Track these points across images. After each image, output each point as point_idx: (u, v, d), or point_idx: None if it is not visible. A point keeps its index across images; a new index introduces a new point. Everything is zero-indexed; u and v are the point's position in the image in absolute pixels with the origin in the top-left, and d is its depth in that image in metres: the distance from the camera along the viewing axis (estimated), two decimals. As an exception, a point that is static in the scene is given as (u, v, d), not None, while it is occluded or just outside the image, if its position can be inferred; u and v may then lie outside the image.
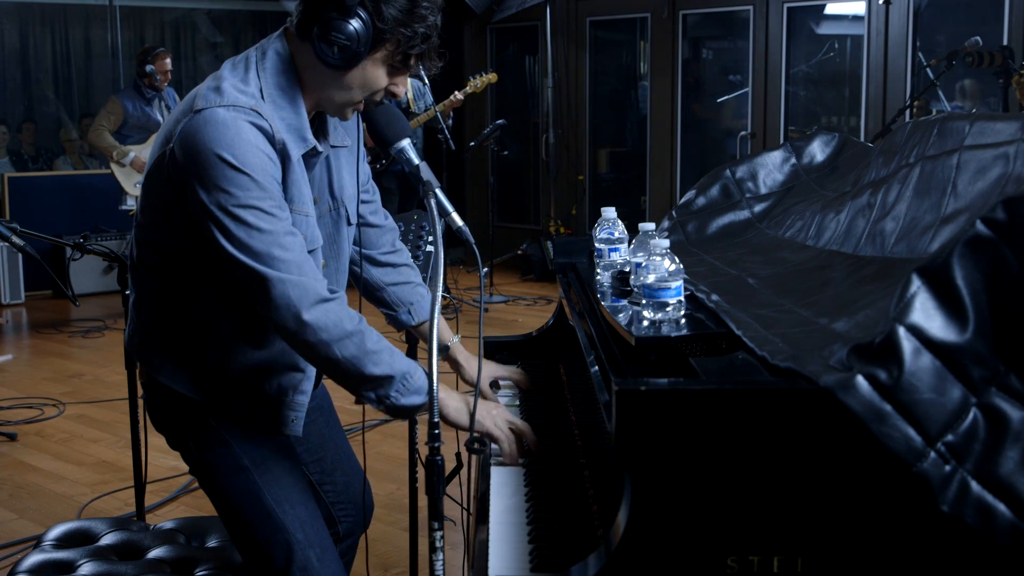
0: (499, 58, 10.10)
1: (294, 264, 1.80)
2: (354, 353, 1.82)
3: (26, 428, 4.97)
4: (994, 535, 1.38)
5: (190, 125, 1.80)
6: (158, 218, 1.93)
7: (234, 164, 1.77)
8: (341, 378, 1.86)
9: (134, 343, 2.04)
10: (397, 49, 1.86)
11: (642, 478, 1.42)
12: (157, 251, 1.96)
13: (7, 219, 4.42)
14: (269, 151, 1.82)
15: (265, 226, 1.79)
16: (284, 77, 1.89)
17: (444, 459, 1.69)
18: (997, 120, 1.87)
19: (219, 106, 1.80)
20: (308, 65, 1.89)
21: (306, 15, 1.86)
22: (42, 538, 2.43)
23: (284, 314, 1.79)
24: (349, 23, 1.80)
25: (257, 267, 1.78)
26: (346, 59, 1.84)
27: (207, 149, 1.77)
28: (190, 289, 1.95)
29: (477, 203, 9.94)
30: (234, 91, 1.84)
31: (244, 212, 1.78)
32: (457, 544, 3.28)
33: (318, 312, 1.80)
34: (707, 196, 2.71)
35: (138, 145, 7.14)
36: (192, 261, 1.91)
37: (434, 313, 1.66)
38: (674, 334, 1.74)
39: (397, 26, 1.83)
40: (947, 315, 1.41)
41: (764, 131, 8.12)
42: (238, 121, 1.79)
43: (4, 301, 7.81)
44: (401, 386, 1.85)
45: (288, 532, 1.98)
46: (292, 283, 1.78)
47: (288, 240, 1.81)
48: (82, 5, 9.19)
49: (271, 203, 1.80)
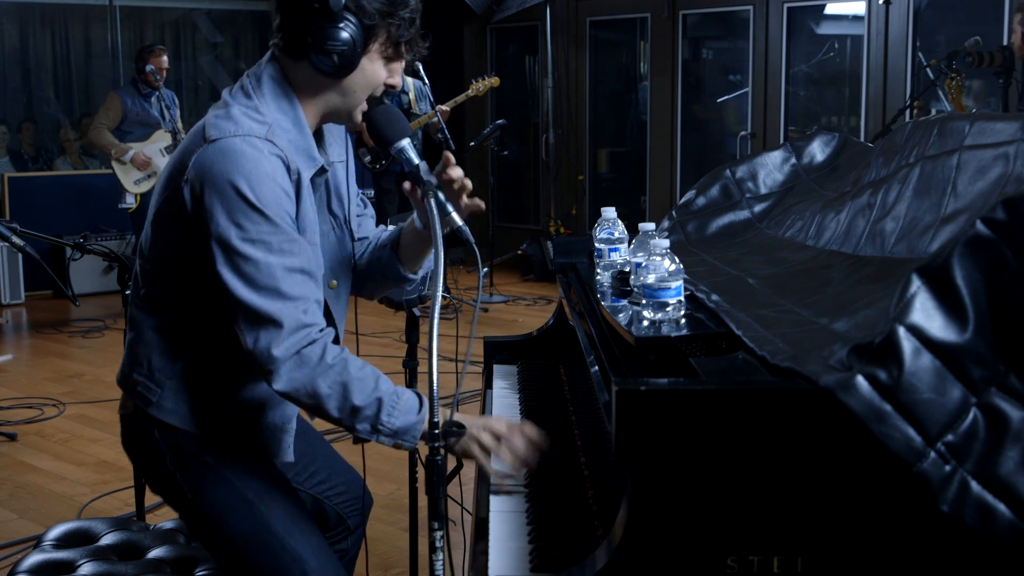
0: (499, 58, 10.10)
1: (292, 304, 1.79)
2: (338, 389, 1.81)
3: (26, 428, 4.97)
4: (994, 535, 1.38)
5: (205, 155, 1.79)
6: (168, 253, 1.92)
7: (249, 198, 1.77)
8: (330, 415, 1.84)
9: (129, 379, 1.99)
10: (388, 40, 1.88)
11: (642, 478, 1.42)
12: (166, 285, 1.94)
13: (7, 219, 4.42)
14: (286, 184, 1.82)
15: (269, 260, 1.78)
16: (284, 100, 1.89)
17: (444, 459, 1.69)
18: (997, 120, 1.87)
19: (234, 136, 1.80)
20: (307, 82, 1.90)
21: (293, 34, 1.86)
22: (42, 538, 2.43)
23: (263, 357, 1.79)
24: (339, 28, 1.81)
25: (256, 306, 1.78)
26: (346, 64, 1.85)
27: (224, 179, 1.77)
28: (198, 322, 1.93)
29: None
30: (246, 119, 1.83)
31: (250, 247, 1.77)
32: (457, 544, 3.28)
33: (295, 365, 1.79)
34: (707, 196, 2.71)
35: (138, 142, 7.12)
36: (202, 293, 1.88)
37: (434, 313, 1.66)
38: (674, 334, 1.74)
39: (384, 18, 1.84)
40: (947, 315, 1.41)
41: (764, 131, 8.12)
42: (255, 151, 1.79)
43: (4, 301, 7.81)
44: (391, 407, 1.83)
45: (303, 561, 1.94)
46: (283, 330, 1.78)
47: (290, 278, 1.80)
48: (82, 5, 9.19)
49: (279, 239, 1.79)
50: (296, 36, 1.85)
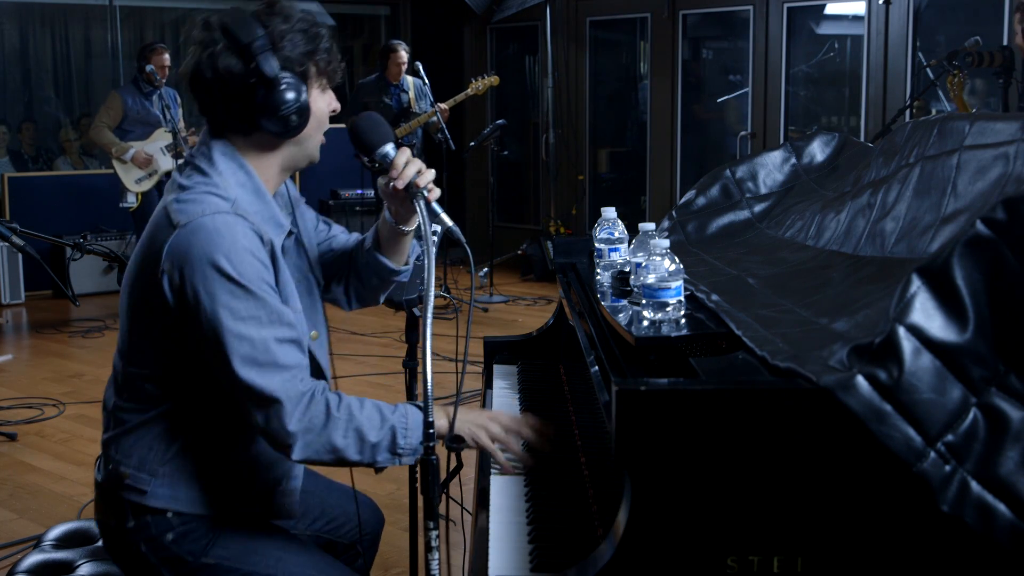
0: (499, 58, 10.10)
1: (289, 374, 1.78)
2: (353, 436, 1.81)
3: (26, 428, 4.96)
4: (994, 535, 1.38)
5: (178, 241, 1.76)
6: (152, 349, 1.88)
7: (232, 276, 1.74)
8: (351, 461, 1.83)
9: (115, 475, 1.91)
10: (319, 74, 1.90)
11: (642, 478, 1.42)
12: (153, 381, 1.89)
13: (7, 219, 4.42)
14: (262, 256, 1.80)
15: (263, 335, 1.76)
16: (241, 172, 1.87)
17: (439, 458, 1.69)
18: (997, 120, 1.87)
19: (203, 216, 1.77)
20: (264, 149, 1.89)
21: (237, 111, 1.84)
22: (42, 538, 2.43)
23: (279, 434, 1.77)
24: (283, 90, 1.81)
25: (259, 386, 1.76)
26: (302, 118, 1.86)
27: (202, 259, 1.74)
28: (190, 407, 1.89)
29: (477, 203, 9.94)
30: (210, 197, 1.80)
31: (243, 326, 1.75)
32: (457, 544, 3.28)
33: (306, 432, 1.78)
34: (707, 196, 2.71)
35: (139, 141, 7.12)
36: (194, 379, 1.86)
37: (426, 314, 1.66)
38: (674, 334, 1.74)
39: (310, 58, 1.86)
40: (947, 315, 1.41)
41: (764, 131, 8.12)
42: (229, 227, 1.76)
43: (4, 301, 7.81)
44: (403, 430, 1.83)
45: None
46: (290, 402, 1.76)
47: (283, 349, 1.78)
48: (82, 5, 9.19)
49: (267, 312, 1.77)
50: (242, 112, 1.84)
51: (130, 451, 1.90)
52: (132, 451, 1.90)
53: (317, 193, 8.74)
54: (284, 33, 1.83)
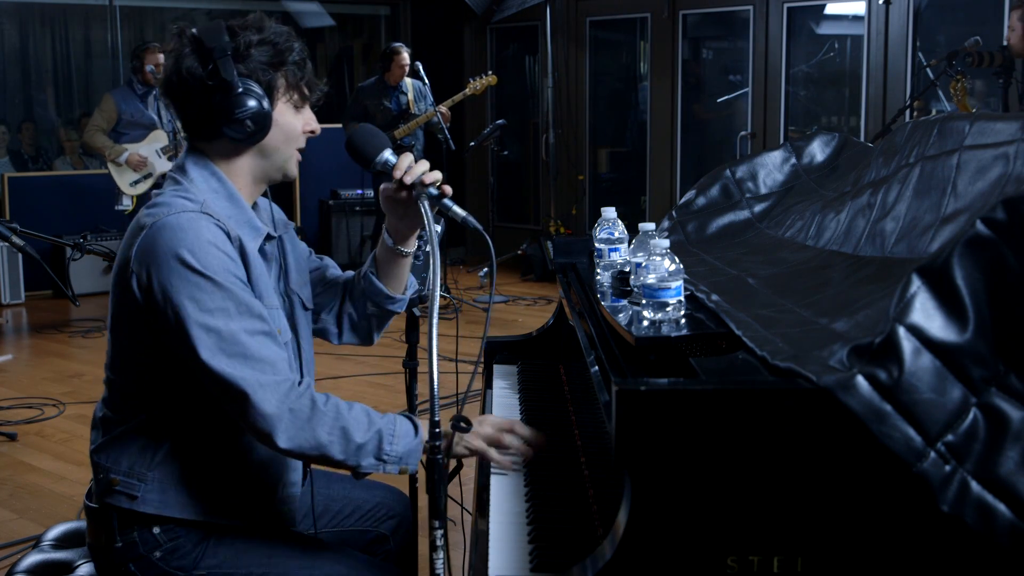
0: (499, 58, 10.10)
1: (267, 366, 1.78)
2: (338, 434, 1.80)
3: (26, 428, 4.97)
4: (994, 535, 1.38)
5: (144, 241, 1.79)
6: (132, 355, 1.89)
7: (196, 268, 1.76)
8: (334, 460, 1.82)
9: (105, 482, 1.90)
10: (288, 87, 1.91)
11: (642, 478, 1.42)
12: (137, 385, 1.90)
13: (7, 219, 4.42)
14: (228, 249, 1.81)
15: (231, 328, 1.76)
16: (213, 179, 1.90)
17: (444, 458, 1.69)
18: (997, 120, 1.87)
19: (168, 215, 1.80)
20: (230, 156, 1.91)
21: (200, 117, 1.88)
22: (41, 538, 2.43)
23: (257, 422, 1.76)
24: (242, 95, 1.83)
25: (230, 376, 1.75)
26: (261, 124, 1.87)
27: (167, 254, 1.76)
28: (175, 409, 1.89)
29: (477, 203, 9.94)
30: (178, 199, 1.84)
31: (210, 318, 1.75)
32: (457, 544, 3.28)
33: (291, 421, 1.77)
34: (707, 196, 2.71)
35: (133, 143, 7.09)
36: (175, 381, 1.86)
37: (432, 313, 1.66)
38: (674, 334, 1.74)
39: (276, 69, 1.88)
40: (947, 315, 1.41)
41: (764, 131, 8.12)
42: (192, 223, 1.78)
43: (4, 301, 7.81)
44: (390, 436, 1.82)
45: None
46: (265, 389, 1.76)
47: (254, 341, 1.78)
48: (82, 5, 9.19)
49: (235, 303, 1.78)
50: (203, 118, 1.87)
51: (119, 457, 1.90)
52: (121, 457, 1.90)
53: (317, 193, 8.74)
54: (252, 43, 1.86)
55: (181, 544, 1.90)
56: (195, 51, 1.86)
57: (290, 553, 1.96)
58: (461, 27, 10.18)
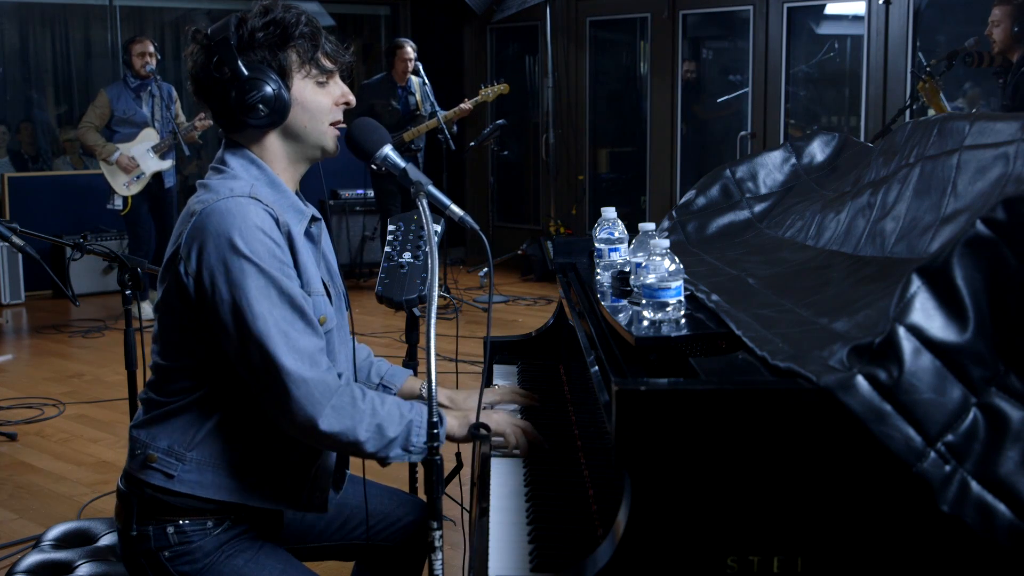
0: (499, 58, 10.10)
1: (306, 357, 1.79)
2: (374, 431, 1.83)
3: (26, 428, 4.97)
4: (994, 535, 1.38)
5: (195, 227, 1.81)
6: (181, 339, 1.90)
7: (245, 253, 1.77)
8: (366, 454, 1.85)
9: (143, 459, 1.92)
10: (303, 62, 1.90)
11: (642, 478, 1.42)
12: (184, 371, 1.91)
13: (7, 219, 4.42)
14: (276, 235, 1.82)
15: (275, 315, 1.77)
16: (253, 167, 1.91)
17: (443, 459, 1.70)
18: (997, 120, 1.87)
19: (217, 201, 1.81)
20: (260, 142, 1.92)
21: (222, 110, 1.89)
22: (41, 538, 2.43)
23: (299, 411, 1.78)
24: (253, 80, 1.84)
25: (275, 358, 1.76)
26: (279, 106, 1.87)
27: (216, 238, 1.78)
28: (219, 394, 1.90)
29: (477, 203, 9.94)
30: (225, 184, 1.86)
31: (256, 304, 1.77)
32: (457, 544, 3.28)
33: (332, 415, 1.79)
34: (707, 196, 2.71)
35: (125, 143, 7.03)
36: (222, 366, 1.87)
37: (430, 313, 1.66)
38: (674, 334, 1.74)
39: (284, 45, 1.87)
40: (947, 315, 1.41)
41: (764, 131, 8.12)
42: (242, 207, 1.80)
43: (4, 301, 7.81)
44: (418, 428, 1.86)
45: None
46: (305, 385, 1.77)
47: (296, 327, 1.79)
48: (82, 5, 9.19)
49: (278, 292, 1.79)
50: (225, 110, 1.88)
51: (159, 434, 1.92)
52: (161, 434, 1.92)
53: (317, 193, 8.72)
54: (256, 28, 1.87)
55: (192, 551, 1.90)
56: (203, 48, 1.88)
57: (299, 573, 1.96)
58: (461, 27, 10.17)
